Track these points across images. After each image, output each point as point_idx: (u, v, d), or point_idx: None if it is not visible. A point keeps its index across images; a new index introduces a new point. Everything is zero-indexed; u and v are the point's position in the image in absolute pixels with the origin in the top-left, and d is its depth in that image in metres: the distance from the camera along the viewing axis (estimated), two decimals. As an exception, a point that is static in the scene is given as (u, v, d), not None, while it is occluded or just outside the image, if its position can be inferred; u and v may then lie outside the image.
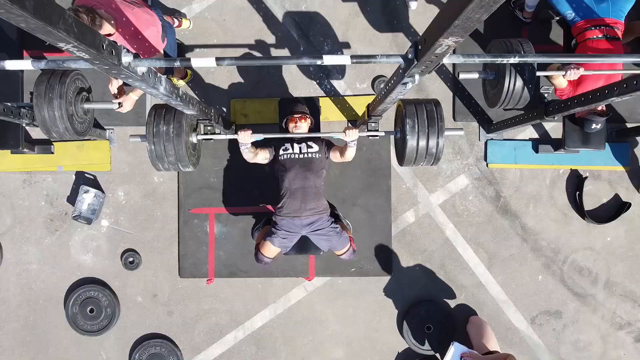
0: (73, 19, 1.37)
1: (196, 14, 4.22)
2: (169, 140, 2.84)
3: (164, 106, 2.96)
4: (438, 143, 2.74)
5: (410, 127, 2.72)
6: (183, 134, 2.87)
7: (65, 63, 1.83)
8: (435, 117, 2.75)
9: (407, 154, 2.81)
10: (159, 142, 2.85)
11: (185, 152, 2.94)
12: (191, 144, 3.13)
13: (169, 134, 2.83)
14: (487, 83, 3.50)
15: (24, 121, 3.26)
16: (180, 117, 2.88)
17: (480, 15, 1.20)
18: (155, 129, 2.84)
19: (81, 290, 4.13)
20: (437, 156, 2.80)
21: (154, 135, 2.85)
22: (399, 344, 4.20)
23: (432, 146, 2.75)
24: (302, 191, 3.37)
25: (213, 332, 4.21)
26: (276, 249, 3.50)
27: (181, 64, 1.93)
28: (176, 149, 2.88)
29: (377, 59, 1.93)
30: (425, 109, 2.78)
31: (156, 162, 2.95)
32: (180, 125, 2.85)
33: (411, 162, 2.85)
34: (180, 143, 2.87)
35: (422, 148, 2.75)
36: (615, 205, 4.20)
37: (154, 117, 2.89)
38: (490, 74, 3.26)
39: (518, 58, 1.91)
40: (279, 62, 2.04)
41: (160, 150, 2.88)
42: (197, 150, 3.31)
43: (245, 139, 3.15)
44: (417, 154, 2.80)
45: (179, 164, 2.99)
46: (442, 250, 4.19)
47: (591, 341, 4.19)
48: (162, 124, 2.84)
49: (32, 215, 4.21)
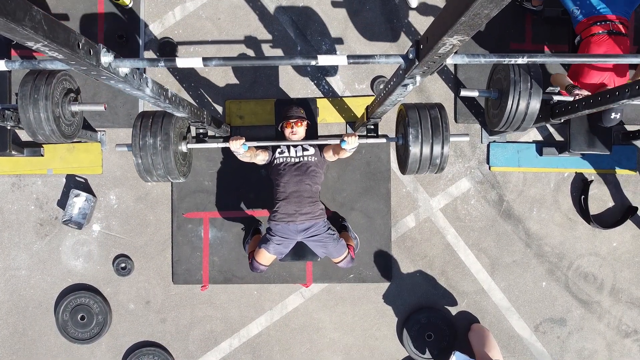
0: (42, 15, 1.25)
1: (190, 12, 4.10)
2: (157, 153, 2.66)
3: (150, 115, 2.77)
4: (442, 152, 2.59)
5: (413, 136, 2.57)
6: (171, 146, 2.69)
7: (41, 63, 1.71)
8: (440, 124, 2.58)
9: (409, 164, 2.67)
10: (145, 155, 2.66)
11: (175, 164, 2.76)
12: (181, 154, 2.95)
13: (156, 146, 2.65)
14: (489, 102, 3.38)
15: (8, 124, 3.14)
16: (167, 128, 2.68)
17: (489, 10, 1.08)
18: (141, 142, 2.65)
19: (72, 297, 4.01)
20: (442, 166, 2.66)
21: (140, 148, 2.65)
22: (398, 353, 4.09)
23: (436, 156, 2.60)
24: (298, 195, 3.26)
25: (207, 340, 4.10)
26: (271, 256, 3.39)
27: (165, 64, 1.81)
28: (164, 162, 2.70)
29: (376, 59, 1.81)
30: (430, 116, 2.62)
31: (144, 175, 2.78)
32: (167, 138, 2.67)
33: (414, 171, 2.71)
34: (168, 156, 2.69)
35: (426, 158, 2.61)
36: (621, 210, 4.08)
37: (139, 129, 2.68)
38: (494, 93, 3.14)
39: (527, 58, 1.79)
40: (271, 62, 1.92)
41: (148, 164, 2.70)
42: (188, 158, 3.14)
43: (236, 148, 2.94)
44: (420, 164, 2.65)
45: (169, 177, 2.82)
46: (443, 255, 4.08)
47: (596, 349, 4.08)
48: (148, 135, 2.65)
49: (21, 220, 4.09)
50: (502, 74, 3.09)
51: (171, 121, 2.72)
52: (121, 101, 4.04)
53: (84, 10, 4.04)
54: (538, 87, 2.87)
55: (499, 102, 3.12)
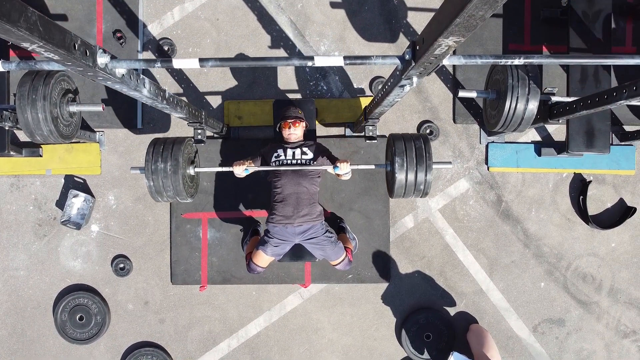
0: (37, 17, 1.25)
1: (189, 13, 4.10)
2: (167, 177, 2.91)
3: (162, 142, 3.00)
4: (426, 179, 2.81)
5: (399, 164, 2.79)
6: (179, 170, 2.93)
7: (37, 64, 1.71)
8: (423, 154, 2.80)
9: (396, 189, 2.88)
10: (157, 178, 2.91)
11: (183, 186, 2.99)
12: (189, 177, 3.17)
13: (167, 171, 2.90)
14: (487, 103, 3.38)
15: (6, 124, 3.14)
16: (177, 154, 2.93)
17: (484, 12, 1.08)
18: (153, 167, 2.90)
19: (70, 298, 4.01)
20: (425, 191, 2.88)
21: (152, 172, 2.91)
22: (397, 353, 4.09)
23: (420, 182, 2.83)
24: (295, 197, 3.25)
25: (206, 341, 4.10)
26: (269, 258, 3.39)
27: (162, 64, 1.81)
28: (174, 185, 2.94)
29: (372, 60, 1.81)
30: (414, 146, 2.84)
31: (155, 195, 3.01)
32: (177, 163, 2.92)
33: (400, 195, 2.93)
34: (177, 180, 2.93)
35: (411, 184, 2.84)
36: (619, 210, 4.08)
37: (152, 154, 2.93)
38: (492, 93, 3.15)
39: (523, 59, 1.78)
40: (268, 63, 1.91)
41: (159, 187, 2.94)
42: (196, 180, 3.36)
43: (239, 172, 3.12)
44: (405, 189, 2.88)
45: (177, 198, 3.03)
46: (442, 256, 4.08)
47: (595, 350, 4.08)
48: (160, 161, 2.90)
49: (19, 220, 4.09)
50: (501, 75, 3.09)
51: (180, 147, 2.96)
52: (119, 102, 4.04)
53: (82, 11, 4.04)
54: (536, 87, 2.88)
55: (497, 103, 3.12)
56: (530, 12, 4.07)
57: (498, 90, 3.10)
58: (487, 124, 3.41)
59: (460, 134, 4.09)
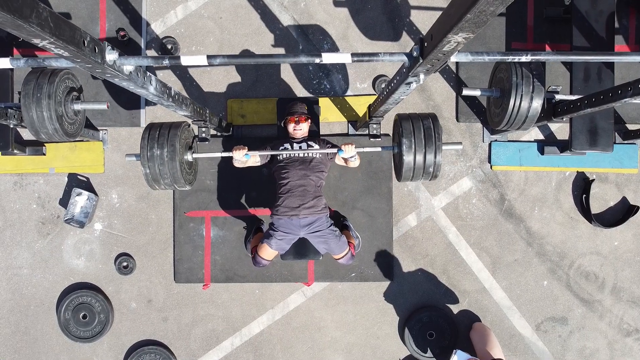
0: (48, 13, 1.25)
1: (192, 11, 4.10)
2: (163, 164, 2.80)
3: (157, 126, 2.89)
4: (435, 161, 2.70)
5: (407, 146, 2.68)
6: (177, 157, 2.82)
7: (45, 61, 1.71)
8: (432, 134, 2.69)
9: (404, 172, 2.78)
10: (153, 165, 2.80)
11: (181, 173, 2.89)
12: (187, 163, 3.09)
13: (163, 157, 2.79)
14: (491, 101, 3.39)
15: (11, 122, 3.14)
16: (173, 140, 2.82)
17: (495, 7, 1.08)
18: (149, 153, 2.79)
19: (74, 296, 4.01)
20: (435, 173, 2.76)
21: (148, 159, 2.79)
22: (400, 351, 4.09)
23: (429, 164, 2.71)
24: (302, 189, 3.26)
25: (209, 339, 4.10)
26: (273, 251, 3.40)
27: (170, 62, 1.81)
28: (171, 172, 2.83)
29: (380, 57, 1.81)
30: (423, 126, 2.72)
31: (152, 183, 2.91)
32: (174, 149, 2.80)
33: (408, 178, 2.82)
34: (174, 166, 2.83)
35: (419, 166, 2.72)
36: (622, 209, 4.09)
37: (147, 140, 2.81)
38: (496, 92, 3.15)
39: (530, 56, 1.79)
40: (275, 60, 1.92)
41: (156, 174, 2.84)
42: (194, 167, 3.28)
43: (239, 157, 3.10)
44: (414, 172, 2.77)
45: (175, 185, 2.95)
46: (445, 254, 4.08)
47: (598, 348, 4.08)
48: (155, 147, 2.78)
49: (23, 219, 4.10)
50: (504, 73, 3.10)
51: (177, 132, 2.84)
52: (124, 100, 4.04)
53: (85, 10, 4.04)
54: (540, 85, 2.88)
55: (501, 101, 3.12)
56: (534, 10, 4.07)
57: (502, 88, 3.11)
58: (490, 123, 3.41)
59: (463, 133, 4.09)
